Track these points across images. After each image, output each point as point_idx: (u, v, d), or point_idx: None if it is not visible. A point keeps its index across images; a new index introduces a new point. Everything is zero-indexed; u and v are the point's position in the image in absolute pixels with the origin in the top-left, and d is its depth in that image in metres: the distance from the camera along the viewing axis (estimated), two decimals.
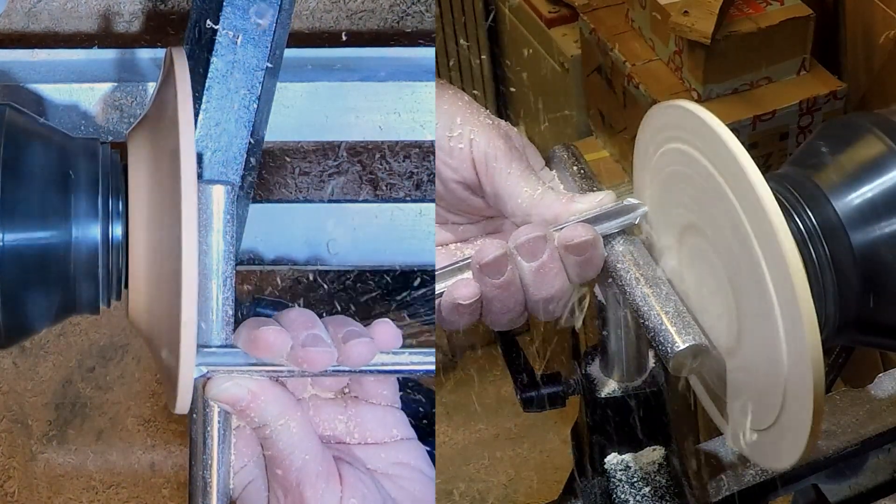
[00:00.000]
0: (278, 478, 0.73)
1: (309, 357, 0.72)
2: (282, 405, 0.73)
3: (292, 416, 0.73)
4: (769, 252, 0.66)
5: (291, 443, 0.73)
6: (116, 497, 1.38)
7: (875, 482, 1.04)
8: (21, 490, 1.37)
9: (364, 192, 1.19)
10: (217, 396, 0.73)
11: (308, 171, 1.19)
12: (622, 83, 1.87)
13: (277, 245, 1.12)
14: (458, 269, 0.76)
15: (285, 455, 0.73)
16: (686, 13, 1.67)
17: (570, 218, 0.76)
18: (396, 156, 1.19)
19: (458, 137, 0.78)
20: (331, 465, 0.74)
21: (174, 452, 1.37)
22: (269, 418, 0.73)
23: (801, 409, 0.67)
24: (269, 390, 0.73)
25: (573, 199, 0.77)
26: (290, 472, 0.73)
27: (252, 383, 0.73)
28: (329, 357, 0.73)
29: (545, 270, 0.75)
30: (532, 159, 0.81)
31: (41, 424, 1.37)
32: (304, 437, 0.73)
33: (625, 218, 0.77)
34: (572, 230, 0.75)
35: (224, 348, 0.74)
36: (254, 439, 0.75)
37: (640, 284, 0.74)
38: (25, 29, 1.29)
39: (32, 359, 1.36)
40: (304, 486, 0.72)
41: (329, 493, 0.73)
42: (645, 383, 0.83)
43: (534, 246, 0.74)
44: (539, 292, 0.75)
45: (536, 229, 0.75)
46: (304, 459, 0.73)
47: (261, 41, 1.00)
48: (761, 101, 1.74)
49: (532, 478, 2.04)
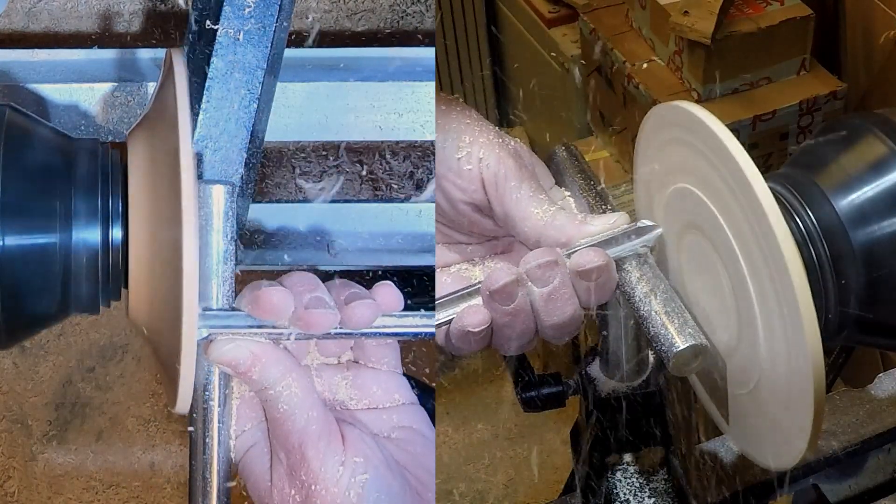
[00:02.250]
0: (280, 439, 0.73)
1: (312, 318, 0.72)
2: (283, 367, 0.73)
3: (294, 377, 0.73)
4: (769, 252, 0.66)
5: (293, 404, 0.72)
6: (116, 497, 1.38)
7: (875, 482, 1.04)
8: (21, 490, 1.37)
9: (364, 192, 1.19)
10: (219, 359, 0.73)
11: (308, 171, 1.19)
12: (622, 83, 1.87)
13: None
14: (467, 294, 0.74)
15: (287, 416, 0.72)
16: (686, 13, 1.67)
17: (583, 240, 0.74)
18: (396, 156, 1.19)
19: (467, 157, 0.76)
20: (333, 426, 0.74)
21: (174, 452, 1.37)
22: (271, 380, 0.72)
23: (801, 409, 0.67)
24: (270, 352, 0.73)
25: (585, 221, 0.75)
26: (292, 434, 0.72)
27: (254, 345, 0.73)
28: (332, 318, 0.73)
29: (557, 296, 0.72)
30: (542, 177, 0.80)
31: (41, 424, 1.37)
32: (305, 398, 0.73)
33: (639, 240, 0.75)
34: (585, 255, 0.72)
35: (226, 311, 0.74)
36: (255, 403, 0.75)
37: (641, 284, 0.73)
38: (25, 29, 1.29)
39: (32, 359, 1.36)
40: (306, 446, 0.72)
41: (331, 453, 0.72)
42: (645, 383, 0.83)
43: (545, 271, 0.72)
44: (550, 318, 0.73)
45: (547, 254, 0.73)
46: (305, 420, 0.72)
47: (261, 41, 1.00)
48: (761, 101, 1.74)
49: (532, 478, 2.03)
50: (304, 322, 0.72)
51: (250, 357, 0.72)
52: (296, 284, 0.74)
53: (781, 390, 0.69)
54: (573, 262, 0.72)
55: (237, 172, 0.99)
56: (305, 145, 1.19)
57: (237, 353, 0.72)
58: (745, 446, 0.78)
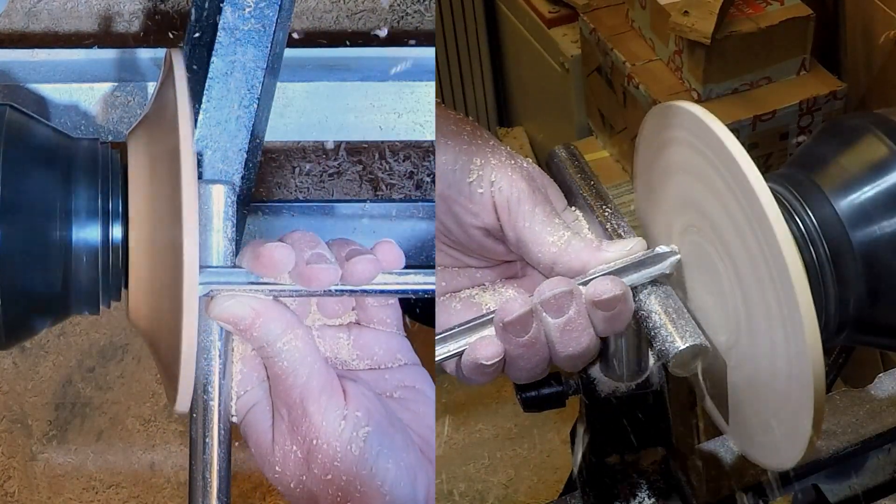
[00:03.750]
0: (281, 395, 0.73)
1: (313, 273, 0.72)
2: (285, 323, 0.73)
3: (296, 333, 0.73)
4: (769, 252, 0.66)
5: (295, 359, 0.72)
6: (116, 497, 1.38)
7: (875, 482, 1.04)
8: (21, 490, 1.37)
9: (364, 192, 1.19)
10: (220, 315, 0.72)
11: (308, 171, 1.19)
12: (622, 83, 1.87)
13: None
14: (479, 325, 0.73)
15: (289, 372, 0.72)
16: (686, 13, 1.67)
17: (598, 267, 0.73)
18: (396, 156, 1.19)
19: (478, 180, 0.74)
20: (334, 381, 0.73)
21: (174, 452, 1.37)
22: (272, 337, 0.72)
23: (801, 409, 0.67)
24: (272, 309, 0.73)
25: (600, 248, 0.73)
26: (294, 389, 0.72)
27: (255, 302, 0.72)
28: (333, 273, 0.72)
29: (572, 327, 0.71)
30: (555, 199, 0.78)
31: (41, 424, 1.37)
32: (307, 353, 0.73)
33: (656, 268, 0.73)
34: (601, 285, 0.70)
35: (226, 268, 0.74)
36: (257, 363, 0.75)
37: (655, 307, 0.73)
38: (25, 29, 1.29)
39: (32, 359, 1.36)
40: (308, 401, 0.72)
41: (332, 407, 0.72)
42: (645, 383, 0.83)
43: (560, 301, 0.70)
44: (566, 349, 0.72)
45: (562, 284, 0.70)
46: (307, 375, 0.72)
47: (261, 41, 1.00)
48: (761, 101, 1.74)
49: (532, 478, 2.03)
50: (306, 277, 0.72)
51: (252, 313, 0.72)
52: (297, 241, 0.74)
53: (781, 390, 0.69)
54: (589, 292, 0.71)
55: (237, 172, 0.99)
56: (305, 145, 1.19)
57: (238, 309, 0.72)
58: (745, 446, 0.78)
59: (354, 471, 0.72)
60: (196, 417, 0.74)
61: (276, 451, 0.74)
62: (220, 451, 0.75)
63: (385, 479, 0.72)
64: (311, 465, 0.72)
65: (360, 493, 0.72)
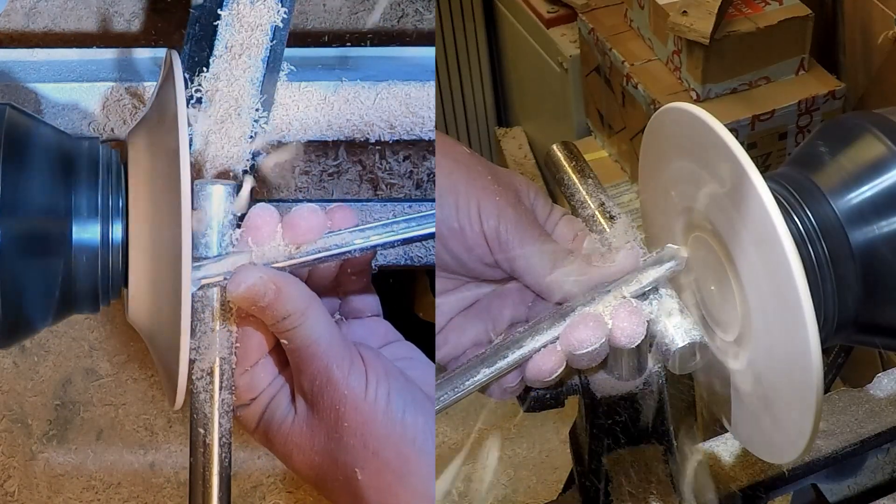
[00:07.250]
0: (304, 367, 0.74)
1: (300, 217, 0.74)
2: (306, 294, 0.74)
3: (314, 304, 0.74)
4: (769, 252, 0.66)
5: (315, 330, 0.74)
6: (116, 497, 1.38)
7: (874, 482, 1.04)
8: (21, 490, 1.37)
9: (364, 192, 1.19)
10: (243, 293, 0.72)
11: (308, 171, 1.19)
12: (621, 83, 1.87)
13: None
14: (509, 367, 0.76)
15: (312, 340, 0.74)
16: (685, 13, 1.67)
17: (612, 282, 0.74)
18: (396, 156, 1.19)
19: (466, 213, 0.75)
20: (352, 348, 0.76)
21: (174, 452, 1.37)
22: (295, 308, 0.73)
23: (801, 409, 0.67)
24: (291, 282, 0.74)
25: (590, 264, 0.75)
26: (317, 358, 0.74)
27: (275, 277, 0.73)
28: (319, 216, 0.74)
29: (596, 356, 0.74)
30: (541, 208, 0.78)
31: (41, 424, 1.37)
32: (327, 324, 0.75)
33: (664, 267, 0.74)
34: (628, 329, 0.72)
35: (215, 257, 0.74)
36: (268, 365, 0.76)
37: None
38: (25, 29, 1.29)
39: (32, 359, 1.36)
40: (332, 367, 0.74)
41: (355, 372, 0.74)
42: (645, 383, 0.83)
43: (591, 358, 0.74)
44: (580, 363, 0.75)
45: (594, 335, 0.72)
46: (329, 342, 0.74)
47: (261, 41, 1.00)
48: (760, 100, 1.74)
49: (532, 478, 2.04)
50: (293, 224, 0.74)
51: (274, 288, 0.73)
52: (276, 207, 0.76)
53: (780, 389, 0.69)
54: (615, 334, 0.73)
55: (238, 171, 0.99)
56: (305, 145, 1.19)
57: (261, 286, 0.72)
58: (746, 443, 0.79)
59: (385, 430, 0.74)
60: (196, 417, 0.74)
61: (298, 431, 0.75)
62: (220, 451, 0.75)
63: (416, 432, 0.75)
64: (339, 433, 0.74)
65: (394, 450, 0.74)
